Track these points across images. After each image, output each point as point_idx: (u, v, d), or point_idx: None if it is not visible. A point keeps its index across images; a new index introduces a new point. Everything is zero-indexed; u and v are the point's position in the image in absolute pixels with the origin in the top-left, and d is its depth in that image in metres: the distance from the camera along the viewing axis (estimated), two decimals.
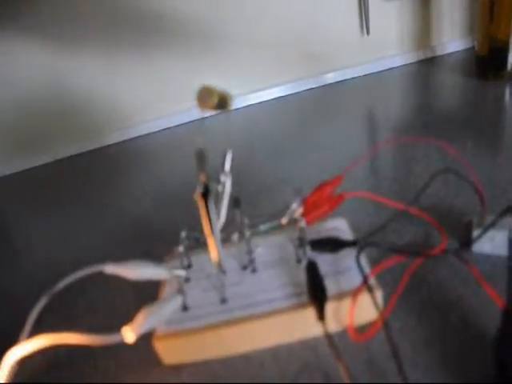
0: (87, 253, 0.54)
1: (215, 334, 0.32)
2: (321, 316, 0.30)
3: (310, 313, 0.31)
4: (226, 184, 0.38)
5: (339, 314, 0.32)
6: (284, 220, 0.40)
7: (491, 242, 0.36)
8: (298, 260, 0.37)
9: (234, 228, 0.40)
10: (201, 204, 0.33)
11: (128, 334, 0.29)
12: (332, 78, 1.01)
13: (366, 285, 0.32)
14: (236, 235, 0.41)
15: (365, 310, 0.32)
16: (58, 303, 0.40)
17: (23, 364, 0.34)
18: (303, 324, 0.33)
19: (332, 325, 0.32)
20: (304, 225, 0.37)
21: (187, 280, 0.38)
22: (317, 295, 0.32)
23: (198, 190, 0.33)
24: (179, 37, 0.92)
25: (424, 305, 0.33)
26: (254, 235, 0.40)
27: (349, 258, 0.36)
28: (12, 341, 0.32)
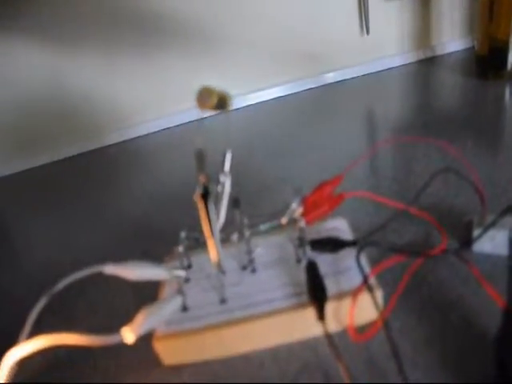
0: (87, 253, 0.54)
1: (215, 335, 0.32)
2: (321, 316, 0.30)
3: (310, 313, 0.31)
4: (226, 184, 0.38)
5: (339, 314, 0.32)
6: (284, 220, 0.40)
7: (491, 242, 0.36)
8: (298, 260, 0.37)
9: (234, 228, 0.40)
10: (200, 205, 0.33)
11: (128, 335, 0.29)
12: (332, 78, 1.01)
13: (366, 285, 0.32)
14: (236, 235, 0.41)
15: (365, 310, 0.32)
16: (58, 304, 0.40)
17: (23, 364, 0.34)
18: (303, 324, 0.33)
19: (332, 325, 0.32)
20: (304, 225, 0.37)
21: (187, 280, 0.38)
22: (317, 295, 0.32)
23: (198, 191, 0.33)
24: (179, 37, 0.92)
25: (424, 304, 0.33)
26: (254, 235, 0.40)
27: (349, 258, 0.36)
28: (12, 341, 0.32)
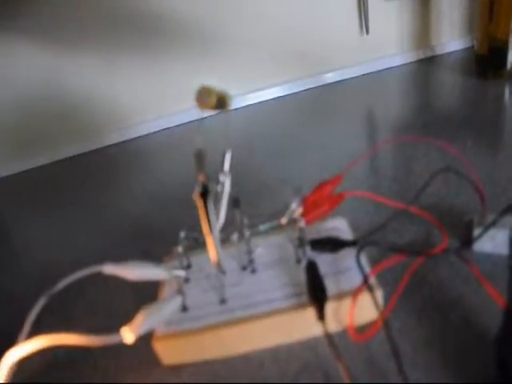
0: (86, 253, 0.54)
1: (215, 335, 0.32)
2: (321, 316, 0.30)
3: (310, 313, 0.31)
4: (226, 184, 0.38)
5: (339, 314, 0.32)
6: (284, 220, 0.40)
7: (492, 241, 0.36)
8: (298, 260, 0.37)
9: (234, 228, 0.40)
10: (200, 204, 0.33)
11: (127, 335, 0.29)
12: (331, 78, 1.01)
13: (366, 284, 0.32)
14: (235, 235, 0.40)
15: (365, 310, 0.32)
16: (57, 304, 0.40)
17: (22, 365, 0.34)
18: (303, 324, 0.32)
19: (332, 325, 0.32)
20: (304, 225, 0.37)
21: (187, 280, 0.38)
22: (317, 295, 0.32)
23: (197, 190, 0.33)
24: (178, 38, 0.92)
25: (424, 304, 0.33)
26: (254, 235, 0.40)
27: (349, 258, 0.36)
28: (11, 341, 0.32)
